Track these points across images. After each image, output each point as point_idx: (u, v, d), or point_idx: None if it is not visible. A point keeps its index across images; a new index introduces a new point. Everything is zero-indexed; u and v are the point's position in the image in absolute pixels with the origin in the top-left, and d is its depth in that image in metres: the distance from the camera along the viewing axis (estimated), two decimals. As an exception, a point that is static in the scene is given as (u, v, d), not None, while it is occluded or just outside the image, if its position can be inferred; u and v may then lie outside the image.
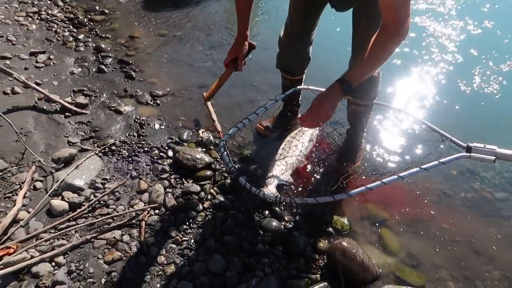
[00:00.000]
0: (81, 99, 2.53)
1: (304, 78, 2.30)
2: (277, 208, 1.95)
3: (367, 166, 2.23)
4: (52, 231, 1.72)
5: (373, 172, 2.06)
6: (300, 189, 2.09)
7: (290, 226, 1.90)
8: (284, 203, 1.97)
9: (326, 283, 1.63)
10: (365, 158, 2.31)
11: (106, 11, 3.67)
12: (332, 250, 1.73)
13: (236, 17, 1.87)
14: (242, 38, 1.91)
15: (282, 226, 1.88)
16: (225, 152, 1.73)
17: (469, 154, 1.64)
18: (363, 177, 2.03)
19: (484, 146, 1.63)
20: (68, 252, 1.64)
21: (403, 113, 2.45)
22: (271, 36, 3.53)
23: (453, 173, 2.31)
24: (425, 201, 2.13)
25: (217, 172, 2.12)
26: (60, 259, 1.61)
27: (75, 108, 2.45)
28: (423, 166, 1.62)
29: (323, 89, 2.19)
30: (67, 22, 3.44)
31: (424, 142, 2.36)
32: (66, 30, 3.30)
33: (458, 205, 2.14)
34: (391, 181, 1.61)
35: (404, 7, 1.38)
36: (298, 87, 2.20)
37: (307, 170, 2.16)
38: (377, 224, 1.98)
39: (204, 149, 2.27)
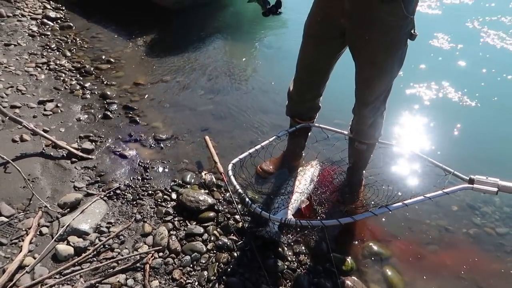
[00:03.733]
0: (87, 145, 2.61)
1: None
2: (280, 248, 1.96)
3: (370, 202, 2.25)
4: (57, 276, 1.73)
5: (376, 206, 2.08)
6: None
7: (294, 265, 1.91)
8: (289, 225, 1.98)
9: (331, 324, 1.62)
10: (366, 195, 2.34)
11: (112, 60, 3.83)
12: (336, 290, 1.73)
13: None
14: None
15: (286, 266, 1.89)
16: (233, 176, 1.80)
17: (472, 185, 1.69)
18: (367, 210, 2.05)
19: (487, 178, 1.68)
20: (73, 298, 1.65)
21: (405, 150, 2.50)
22: (270, 79, 3.68)
23: (453, 208, 2.34)
24: (427, 237, 2.15)
25: (220, 214, 2.15)
26: (65, 305, 1.61)
27: (81, 154, 2.52)
28: (428, 195, 1.66)
29: (334, 128, 2.29)
30: (74, 71, 3.59)
31: (427, 176, 2.40)
32: (73, 79, 3.44)
33: (461, 240, 2.15)
34: (397, 208, 1.65)
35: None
36: (309, 124, 2.28)
37: (309, 209, 2.19)
38: (380, 262, 1.99)
39: (207, 191, 2.31)
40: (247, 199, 1.75)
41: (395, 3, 1.52)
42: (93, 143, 2.66)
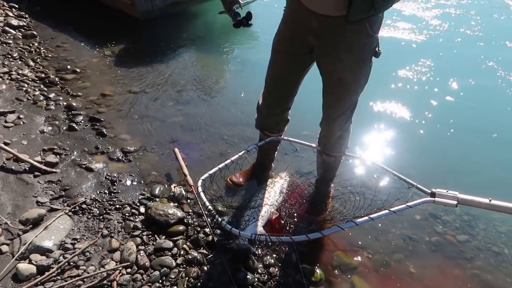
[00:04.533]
0: (51, 158, 2.52)
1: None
2: (250, 261, 1.96)
3: (337, 214, 2.30)
4: (18, 297, 1.66)
5: (344, 219, 2.14)
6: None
7: (264, 278, 1.92)
8: (259, 241, 1.99)
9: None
10: (333, 207, 2.39)
11: (78, 70, 3.75)
12: (306, 301, 1.75)
13: None
14: None
15: (256, 279, 1.89)
16: (202, 192, 1.80)
17: (433, 199, 1.76)
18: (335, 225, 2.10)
19: (447, 191, 1.77)
20: (35, 319, 1.58)
21: (371, 163, 2.57)
22: (240, 91, 3.71)
23: (416, 218, 2.42)
24: (393, 246, 2.21)
25: (189, 227, 2.13)
26: (26, 327, 1.54)
27: (44, 167, 2.43)
28: (392, 209, 1.72)
29: (302, 141, 2.33)
30: (38, 81, 3.48)
31: (391, 189, 2.48)
32: (36, 89, 3.33)
33: (424, 249, 2.23)
34: (363, 222, 1.70)
35: None
36: (278, 137, 2.31)
37: (279, 221, 2.21)
38: (348, 272, 2.03)
39: (177, 204, 2.29)
40: (217, 216, 1.75)
41: (361, 23, 1.59)
42: (58, 156, 2.58)
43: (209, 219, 2.15)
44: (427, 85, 4.04)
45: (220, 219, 1.73)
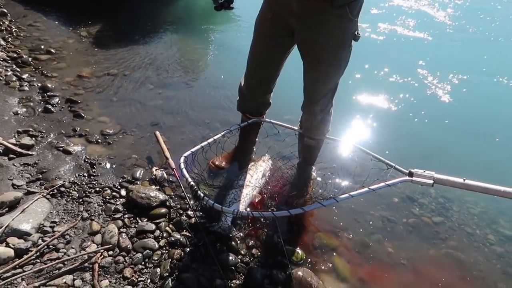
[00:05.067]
0: (27, 140, 2.44)
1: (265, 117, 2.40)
2: (233, 242, 1.98)
3: (318, 196, 2.33)
4: (-4, 280, 1.62)
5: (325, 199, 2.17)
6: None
7: (247, 259, 1.93)
8: (241, 216, 2.00)
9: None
10: (315, 189, 2.42)
11: (52, 51, 3.62)
12: (288, 281, 1.78)
13: None
14: None
15: (239, 260, 1.91)
16: (185, 169, 1.79)
17: (411, 178, 1.81)
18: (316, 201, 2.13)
19: (424, 171, 1.82)
20: (15, 302, 1.55)
21: (351, 146, 2.61)
22: (221, 75, 3.68)
23: (394, 200, 2.49)
24: (372, 227, 2.27)
25: (172, 209, 2.12)
26: (6, 310, 1.51)
27: (19, 150, 2.35)
28: (372, 187, 1.75)
29: (285, 124, 2.34)
30: (10, 61, 3.34)
31: (371, 170, 2.52)
32: (9, 70, 3.20)
33: (401, 230, 2.30)
34: (344, 199, 1.73)
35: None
36: (261, 119, 2.30)
37: (262, 204, 2.22)
38: (329, 252, 2.07)
39: (158, 187, 2.27)
40: (199, 192, 1.75)
41: (342, 7, 1.60)
42: (33, 138, 2.50)
43: (191, 201, 2.14)
44: (408, 75, 4.11)
45: (202, 194, 1.72)
